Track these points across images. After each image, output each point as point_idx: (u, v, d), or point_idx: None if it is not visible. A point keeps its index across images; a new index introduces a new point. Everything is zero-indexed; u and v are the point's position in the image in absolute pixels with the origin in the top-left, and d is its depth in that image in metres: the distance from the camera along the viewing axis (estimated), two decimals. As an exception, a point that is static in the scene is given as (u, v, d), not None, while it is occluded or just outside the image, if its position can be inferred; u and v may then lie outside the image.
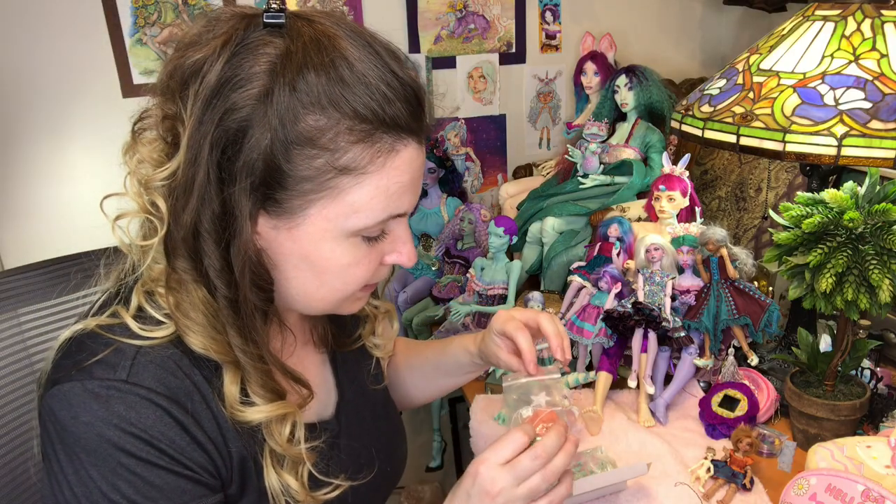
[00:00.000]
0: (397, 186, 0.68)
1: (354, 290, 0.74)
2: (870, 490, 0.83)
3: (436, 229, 1.86)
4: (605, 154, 1.65)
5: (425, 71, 1.90)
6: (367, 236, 0.70)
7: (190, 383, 0.68)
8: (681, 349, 1.24)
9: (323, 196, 0.65)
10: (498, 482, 0.70)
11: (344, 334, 0.92)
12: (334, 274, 0.70)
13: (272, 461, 0.72)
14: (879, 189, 0.99)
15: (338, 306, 0.76)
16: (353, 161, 0.64)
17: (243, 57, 0.62)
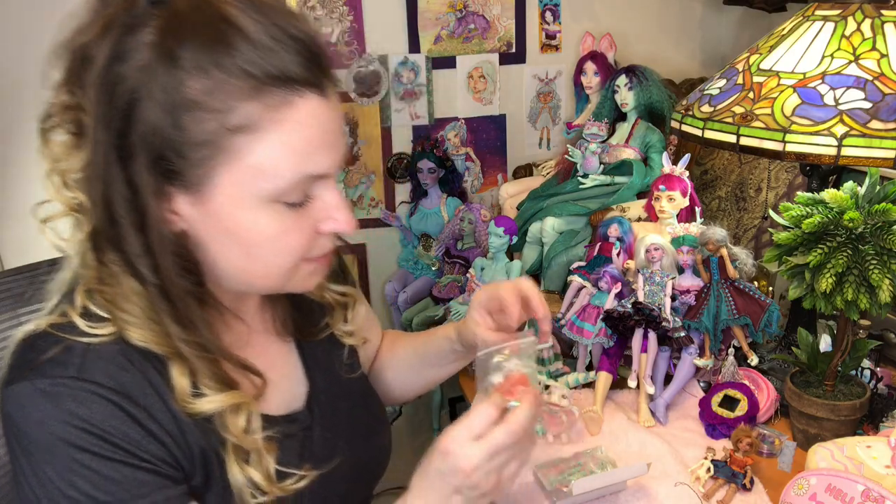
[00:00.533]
0: (303, 142, 0.65)
1: (292, 263, 0.71)
2: (870, 490, 0.83)
3: (436, 229, 1.86)
4: (605, 154, 1.65)
5: (425, 71, 1.90)
6: (289, 202, 0.67)
7: (142, 377, 0.68)
8: (681, 349, 1.24)
9: (223, 161, 0.63)
10: (472, 459, 0.67)
11: (309, 323, 0.90)
12: (262, 246, 0.68)
13: (235, 455, 0.71)
14: (879, 189, 0.99)
15: (284, 283, 0.73)
16: (246, 119, 0.62)
17: (127, 33, 0.62)
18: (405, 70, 1.88)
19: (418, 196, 1.92)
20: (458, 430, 0.69)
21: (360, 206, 1.98)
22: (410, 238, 1.95)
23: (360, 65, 1.85)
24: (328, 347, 0.92)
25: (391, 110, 1.91)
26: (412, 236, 1.94)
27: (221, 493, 0.72)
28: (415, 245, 1.93)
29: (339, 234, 0.73)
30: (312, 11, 1.80)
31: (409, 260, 1.94)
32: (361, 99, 1.87)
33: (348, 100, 1.87)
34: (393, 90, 1.89)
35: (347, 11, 1.81)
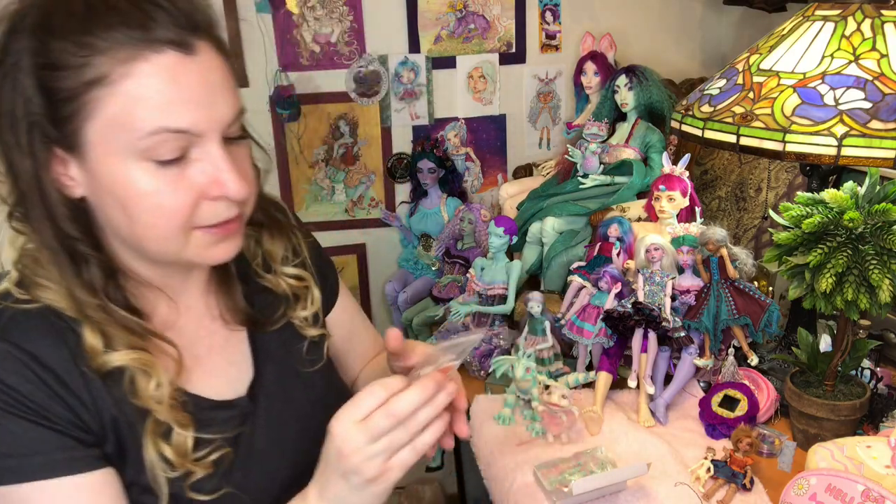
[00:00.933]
0: (157, 96, 0.65)
1: (177, 227, 0.70)
2: (870, 490, 0.83)
3: (436, 229, 1.86)
4: (605, 154, 1.65)
5: (425, 71, 1.90)
6: (160, 160, 0.67)
7: (60, 341, 0.71)
8: (681, 349, 1.24)
9: (86, 116, 0.66)
10: (351, 441, 0.67)
11: (262, 313, 0.88)
12: (139, 206, 0.68)
13: (151, 428, 0.72)
14: (879, 189, 0.99)
15: (177, 251, 0.72)
16: (99, 72, 0.65)
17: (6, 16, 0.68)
18: (405, 70, 1.88)
19: (418, 196, 1.92)
20: (344, 410, 0.69)
21: (360, 206, 1.98)
22: (410, 238, 1.95)
23: (360, 65, 1.85)
24: (286, 338, 0.89)
25: (391, 110, 1.91)
26: (412, 236, 1.94)
27: (137, 466, 0.73)
28: (415, 245, 1.94)
29: (235, 200, 0.71)
30: (312, 11, 1.80)
31: (409, 260, 1.94)
32: (361, 99, 1.87)
33: (348, 100, 1.87)
34: (393, 90, 1.89)
35: (347, 11, 1.81)
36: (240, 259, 0.83)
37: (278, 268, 0.89)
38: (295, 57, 1.82)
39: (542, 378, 1.21)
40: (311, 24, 1.80)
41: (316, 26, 1.81)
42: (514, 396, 1.25)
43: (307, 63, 1.83)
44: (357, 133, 1.91)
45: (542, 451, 1.15)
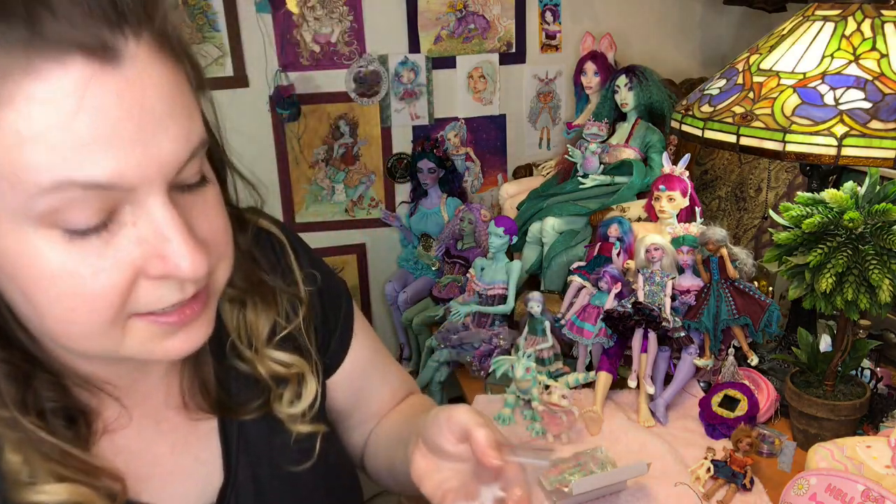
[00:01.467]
0: (60, 132, 0.42)
1: (103, 320, 0.48)
2: (870, 490, 0.82)
3: (436, 229, 1.86)
4: (605, 154, 1.65)
5: (425, 71, 1.90)
6: (72, 228, 0.45)
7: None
8: (681, 349, 1.24)
9: None
10: None
11: (236, 400, 0.68)
12: (46, 293, 0.47)
13: None
14: (879, 189, 0.99)
15: (112, 348, 0.51)
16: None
17: None
18: (405, 70, 1.88)
19: (418, 196, 1.92)
20: None
21: (360, 206, 1.98)
22: (410, 238, 1.95)
23: (360, 65, 1.85)
24: (267, 428, 0.69)
25: (391, 110, 1.91)
26: (412, 236, 1.94)
27: None
28: (415, 245, 1.94)
29: (188, 279, 0.50)
30: (312, 11, 1.80)
31: (409, 260, 1.94)
32: (361, 99, 1.87)
33: (348, 100, 1.87)
34: (393, 90, 1.89)
35: (347, 11, 1.81)
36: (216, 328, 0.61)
37: (262, 348, 0.68)
38: (295, 57, 1.82)
39: (542, 378, 1.21)
40: (311, 24, 1.80)
41: (316, 26, 1.81)
42: (514, 396, 1.25)
43: (307, 63, 1.83)
44: (357, 133, 1.91)
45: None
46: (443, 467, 0.65)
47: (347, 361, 0.79)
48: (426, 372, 1.53)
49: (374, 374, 0.83)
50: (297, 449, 0.70)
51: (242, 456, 0.68)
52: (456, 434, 0.62)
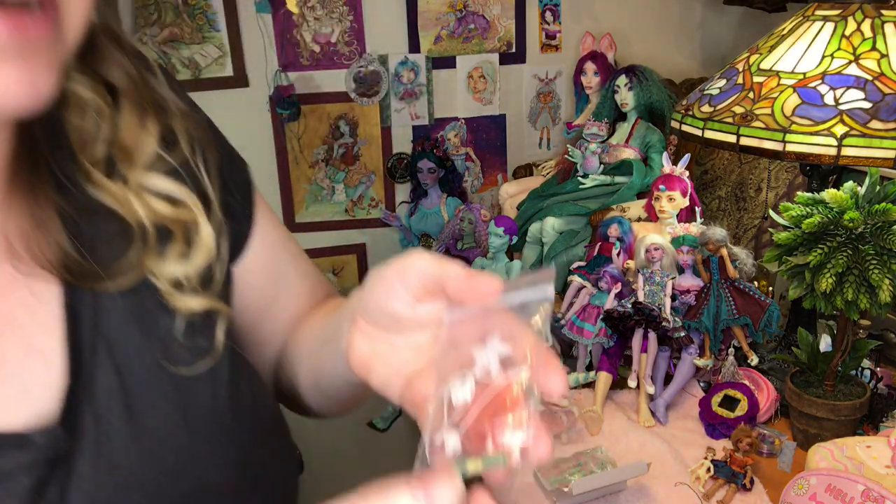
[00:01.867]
0: None
1: None
2: (870, 490, 0.82)
3: (436, 229, 1.86)
4: (605, 154, 1.65)
5: (425, 71, 1.90)
6: None
7: None
8: (681, 349, 1.24)
9: None
10: None
11: (96, 256, 0.46)
12: None
13: None
14: (879, 189, 0.99)
15: None
16: None
17: None
18: (405, 70, 1.88)
19: (418, 196, 1.92)
20: None
21: (360, 206, 1.98)
22: (410, 238, 1.95)
23: (360, 65, 1.85)
24: (141, 308, 0.48)
25: (391, 110, 1.91)
26: (412, 236, 1.94)
27: None
28: (415, 245, 1.94)
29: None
30: (312, 11, 1.80)
31: (409, 260, 1.94)
32: (361, 99, 1.87)
33: (348, 100, 1.87)
34: (393, 90, 1.89)
35: (347, 11, 1.81)
36: (59, 148, 0.46)
37: (136, 175, 0.48)
38: (295, 57, 1.82)
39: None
40: (311, 24, 1.80)
41: (316, 26, 1.81)
42: (514, 396, 1.25)
43: (307, 63, 1.83)
44: (357, 133, 1.91)
45: (542, 451, 1.15)
46: (398, 346, 0.46)
47: (257, 240, 0.59)
48: (426, 372, 1.53)
49: (289, 264, 0.64)
50: (187, 341, 0.49)
51: (100, 346, 0.46)
52: (414, 288, 0.43)
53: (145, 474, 0.46)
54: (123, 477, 0.45)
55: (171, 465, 0.47)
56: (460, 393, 0.39)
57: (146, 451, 0.46)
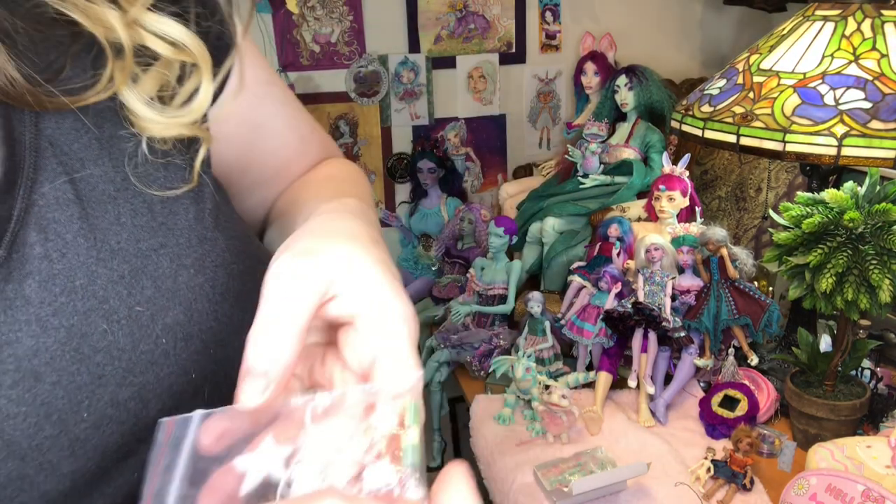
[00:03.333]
0: None
1: None
2: (870, 490, 0.82)
3: (436, 229, 1.86)
4: (605, 154, 1.65)
5: (425, 71, 1.90)
6: None
7: None
8: (681, 349, 1.24)
9: None
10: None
11: (53, 69, 0.40)
12: None
13: None
14: (879, 189, 0.99)
15: None
16: None
17: None
18: (405, 70, 1.88)
19: (418, 196, 1.92)
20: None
21: (360, 206, 1.98)
22: (410, 238, 1.95)
23: (360, 65, 1.85)
24: (100, 125, 0.43)
25: (391, 110, 1.91)
26: (412, 236, 1.94)
27: None
28: (415, 245, 1.94)
29: None
30: (312, 12, 1.80)
31: (409, 260, 1.94)
32: (361, 99, 1.87)
33: (348, 100, 1.87)
34: (393, 90, 1.89)
35: (347, 11, 1.81)
36: None
37: (135, 9, 0.42)
38: (295, 57, 1.82)
39: (542, 378, 1.21)
40: (311, 24, 1.80)
41: (316, 26, 1.81)
42: (514, 396, 1.25)
43: (307, 63, 1.83)
44: (357, 133, 1.91)
45: (542, 451, 1.15)
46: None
47: (234, 79, 0.52)
48: (426, 372, 1.53)
49: (274, 111, 0.59)
50: (159, 162, 0.44)
51: (46, 150, 0.40)
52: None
53: (115, 301, 0.40)
54: (85, 302, 0.40)
55: (150, 294, 0.42)
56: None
57: (113, 274, 0.41)
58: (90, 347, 0.39)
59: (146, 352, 0.41)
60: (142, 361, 0.41)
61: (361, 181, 0.65)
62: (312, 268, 0.38)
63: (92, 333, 0.39)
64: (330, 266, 0.38)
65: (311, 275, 0.38)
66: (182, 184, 0.45)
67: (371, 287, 0.39)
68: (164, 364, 0.42)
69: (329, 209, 0.48)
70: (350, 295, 0.38)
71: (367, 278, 0.39)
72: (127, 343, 0.41)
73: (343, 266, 0.39)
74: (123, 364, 0.40)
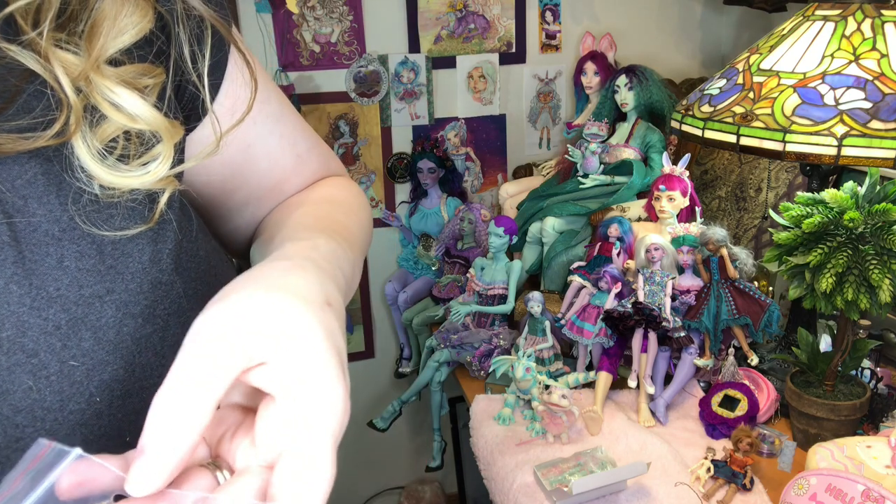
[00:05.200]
0: None
1: None
2: (870, 490, 0.82)
3: (436, 229, 1.86)
4: (605, 154, 1.65)
5: (425, 71, 1.90)
6: None
7: None
8: (681, 349, 1.24)
9: None
10: None
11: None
12: None
13: None
14: (879, 189, 0.99)
15: None
16: None
17: None
18: (405, 70, 1.88)
19: (418, 196, 1.92)
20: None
21: (360, 206, 1.98)
22: (410, 238, 1.95)
23: (360, 65, 1.85)
24: (49, 168, 0.39)
25: (391, 110, 1.91)
26: (412, 236, 1.94)
27: None
28: (415, 245, 1.94)
29: None
30: (312, 11, 1.80)
31: (409, 260, 1.94)
32: (361, 99, 1.87)
33: (348, 100, 1.87)
34: (393, 90, 1.89)
35: (347, 11, 1.81)
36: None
37: (96, 68, 0.39)
38: (295, 57, 1.82)
39: (542, 378, 1.21)
40: (311, 24, 1.80)
41: (316, 26, 1.81)
42: (514, 396, 1.25)
43: (307, 63, 1.83)
44: (357, 133, 1.91)
45: (542, 451, 1.15)
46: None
47: (226, 97, 0.50)
48: (426, 372, 1.53)
49: (268, 130, 0.56)
50: (113, 203, 0.40)
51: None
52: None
53: (46, 355, 0.37)
54: (10, 357, 0.36)
55: (88, 347, 0.38)
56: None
57: (48, 325, 0.37)
58: (10, 407, 0.35)
59: (76, 411, 0.37)
60: (69, 422, 0.37)
61: (357, 204, 0.62)
62: (240, 330, 0.33)
63: (14, 391, 0.35)
64: (262, 329, 0.34)
65: (237, 340, 0.33)
66: (139, 223, 0.41)
67: (305, 364, 0.34)
68: (96, 425, 0.38)
69: (291, 254, 0.42)
70: (278, 367, 0.33)
71: (302, 352, 0.34)
72: (54, 402, 0.36)
73: (278, 331, 0.34)
74: (47, 425, 0.36)
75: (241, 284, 0.37)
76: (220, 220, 0.57)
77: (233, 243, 0.61)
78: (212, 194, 0.53)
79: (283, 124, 0.58)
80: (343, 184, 0.64)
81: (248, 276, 0.38)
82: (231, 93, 0.50)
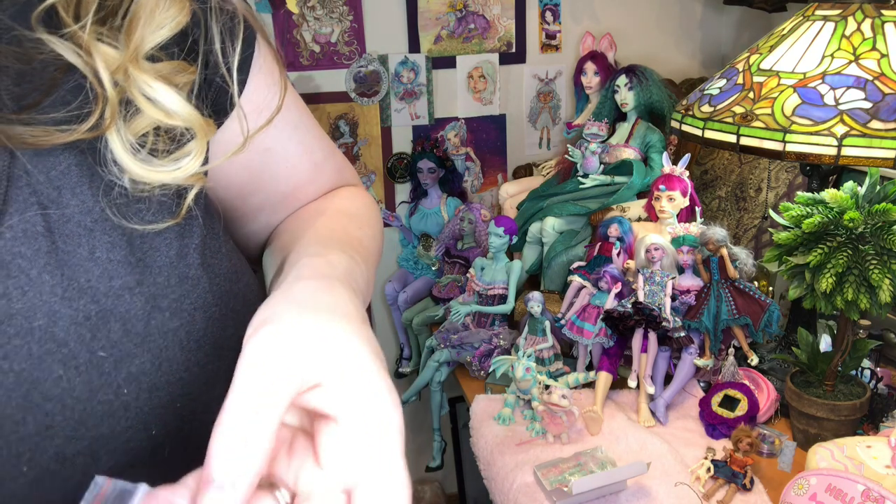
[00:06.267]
0: None
1: None
2: (870, 490, 0.82)
3: (436, 229, 1.86)
4: (605, 154, 1.65)
5: (425, 71, 1.90)
6: None
7: None
8: (681, 349, 1.24)
9: None
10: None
11: (14, 95, 0.38)
12: None
13: None
14: (879, 189, 0.99)
15: None
16: None
17: None
18: (405, 70, 1.88)
19: (418, 196, 1.92)
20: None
21: (360, 206, 1.98)
22: (410, 238, 1.95)
23: (360, 65, 1.85)
24: (82, 159, 0.40)
25: (391, 110, 1.91)
26: (412, 236, 1.94)
27: None
28: (415, 245, 1.94)
29: None
30: (312, 11, 1.80)
31: (409, 260, 1.94)
32: (361, 99, 1.87)
33: (348, 100, 1.87)
34: (393, 90, 1.89)
35: (347, 11, 1.81)
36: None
37: (135, 59, 0.40)
38: (295, 57, 1.82)
39: (542, 378, 1.21)
40: (311, 24, 1.80)
41: (316, 26, 1.81)
42: (514, 396, 1.25)
43: (307, 63, 1.83)
44: (357, 133, 1.91)
45: (542, 451, 1.15)
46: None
47: (253, 92, 0.50)
48: (426, 372, 1.53)
49: (287, 135, 0.56)
50: (143, 196, 0.41)
51: (20, 178, 0.38)
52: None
53: (75, 345, 0.37)
54: (41, 346, 0.36)
55: (116, 338, 0.38)
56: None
57: (78, 315, 0.37)
58: (41, 395, 0.36)
59: (104, 402, 0.38)
60: (97, 412, 0.37)
61: (369, 216, 0.62)
62: (294, 353, 0.34)
63: (45, 380, 0.36)
64: (315, 351, 0.34)
65: (293, 363, 0.33)
66: (167, 218, 0.42)
67: (363, 384, 0.35)
68: (123, 417, 0.38)
69: (316, 272, 0.43)
70: (336, 388, 0.34)
71: (357, 372, 0.35)
72: (83, 391, 0.37)
73: (331, 352, 0.34)
74: (76, 415, 0.37)
75: (283, 306, 0.37)
76: (234, 225, 0.58)
77: (245, 249, 0.61)
78: (228, 197, 0.54)
79: (301, 131, 0.58)
80: (357, 194, 0.64)
81: (285, 297, 0.38)
82: (257, 90, 0.51)
